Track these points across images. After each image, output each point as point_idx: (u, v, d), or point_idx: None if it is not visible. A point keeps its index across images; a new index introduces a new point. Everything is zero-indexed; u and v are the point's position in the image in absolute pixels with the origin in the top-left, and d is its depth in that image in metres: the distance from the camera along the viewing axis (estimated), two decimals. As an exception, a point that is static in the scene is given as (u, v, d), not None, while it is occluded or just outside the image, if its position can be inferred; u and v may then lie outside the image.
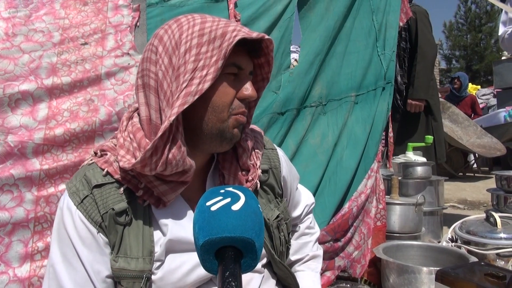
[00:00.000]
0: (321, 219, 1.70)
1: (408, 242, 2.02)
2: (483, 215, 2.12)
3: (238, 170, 0.86)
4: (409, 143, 2.86)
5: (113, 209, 0.76)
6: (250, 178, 0.87)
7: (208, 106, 0.76)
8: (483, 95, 8.82)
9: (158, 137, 0.71)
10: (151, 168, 0.74)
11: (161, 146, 0.72)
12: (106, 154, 0.81)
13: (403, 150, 2.90)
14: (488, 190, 2.54)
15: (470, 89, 8.93)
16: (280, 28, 1.64)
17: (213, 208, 0.51)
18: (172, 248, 0.79)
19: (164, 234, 0.79)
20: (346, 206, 1.81)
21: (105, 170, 0.78)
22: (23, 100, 1.13)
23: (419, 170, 2.59)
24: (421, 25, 3.12)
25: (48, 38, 1.22)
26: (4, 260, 1.07)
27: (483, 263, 1.32)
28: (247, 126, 0.89)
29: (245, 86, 0.79)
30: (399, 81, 3.15)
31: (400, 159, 2.75)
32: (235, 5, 1.51)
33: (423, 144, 2.92)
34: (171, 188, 0.78)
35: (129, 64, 1.29)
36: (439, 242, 2.26)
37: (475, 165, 6.31)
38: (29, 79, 1.15)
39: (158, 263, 0.78)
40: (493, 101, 7.81)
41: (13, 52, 1.16)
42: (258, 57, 0.84)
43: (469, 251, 1.86)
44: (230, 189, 0.55)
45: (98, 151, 0.82)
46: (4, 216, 1.07)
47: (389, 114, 2.14)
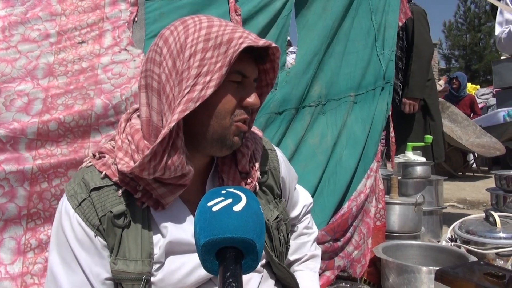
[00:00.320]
0: (321, 219, 1.70)
1: (408, 242, 2.02)
2: (483, 215, 2.12)
3: (237, 174, 0.86)
4: (409, 143, 2.86)
5: (111, 212, 0.76)
6: (249, 181, 0.87)
7: (210, 112, 0.76)
8: (483, 95, 8.80)
9: (158, 143, 0.70)
10: (150, 173, 0.73)
11: (160, 152, 0.72)
12: (105, 157, 0.81)
13: (401, 150, 2.90)
14: (488, 190, 2.54)
15: (470, 89, 8.94)
16: (278, 26, 1.63)
17: (215, 209, 0.51)
18: (172, 250, 0.79)
19: (164, 236, 0.79)
20: (346, 206, 1.81)
21: (103, 173, 0.78)
22: (19, 99, 1.12)
23: (419, 170, 2.59)
24: (418, 24, 3.12)
25: (45, 37, 1.20)
26: (-5, 257, 1.05)
27: (483, 263, 1.33)
28: (248, 131, 0.88)
29: (249, 94, 0.78)
30: (394, 81, 3.15)
31: (400, 159, 2.75)
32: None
33: (423, 144, 2.91)
34: (170, 191, 0.78)
35: (127, 59, 1.25)
36: (439, 242, 2.27)
37: (475, 165, 6.31)
38: (26, 80, 1.13)
39: (158, 265, 0.78)
40: (493, 101, 7.80)
41: (10, 54, 1.15)
42: (264, 63, 0.83)
43: (469, 251, 1.86)
44: (232, 190, 0.55)
45: (97, 154, 0.82)
46: (-5, 212, 1.04)
47: (389, 114, 2.13)
